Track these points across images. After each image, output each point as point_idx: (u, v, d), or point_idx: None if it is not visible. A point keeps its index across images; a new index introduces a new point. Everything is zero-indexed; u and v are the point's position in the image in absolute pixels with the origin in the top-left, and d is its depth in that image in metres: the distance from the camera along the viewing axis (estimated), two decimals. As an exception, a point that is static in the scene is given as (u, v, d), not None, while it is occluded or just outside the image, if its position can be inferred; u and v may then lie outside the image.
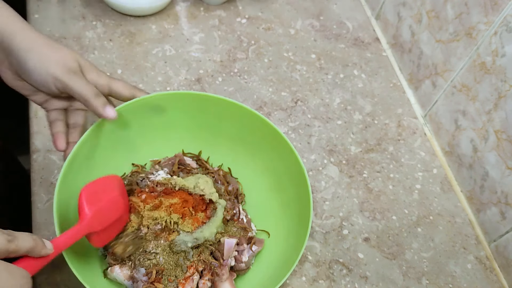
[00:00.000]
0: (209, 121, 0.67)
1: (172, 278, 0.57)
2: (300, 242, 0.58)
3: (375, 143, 0.79)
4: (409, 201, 0.75)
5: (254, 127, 0.65)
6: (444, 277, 0.69)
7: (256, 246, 0.62)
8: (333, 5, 0.96)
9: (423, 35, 0.81)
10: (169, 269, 0.57)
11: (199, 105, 0.65)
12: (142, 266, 0.57)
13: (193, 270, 0.58)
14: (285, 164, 0.64)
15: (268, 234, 0.65)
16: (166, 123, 0.66)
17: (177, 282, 0.56)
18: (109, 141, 0.62)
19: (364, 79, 0.87)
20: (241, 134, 0.67)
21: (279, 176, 0.66)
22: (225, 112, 0.66)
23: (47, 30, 0.82)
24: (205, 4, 0.91)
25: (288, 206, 0.65)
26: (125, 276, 0.57)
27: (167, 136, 0.68)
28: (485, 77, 0.69)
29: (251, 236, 0.63)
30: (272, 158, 0.66)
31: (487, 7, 0.67)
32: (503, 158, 0.67)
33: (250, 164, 0.69)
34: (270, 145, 0.66)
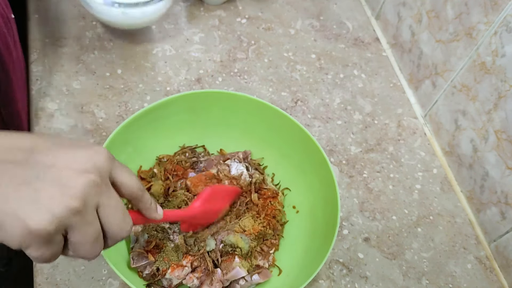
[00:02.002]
0: (237, 120, 0.69)
1: (167, 258, 0.58)
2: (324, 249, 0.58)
3: (375, 143, 0.79)
4: (409, 201, 0.75)
5: (283, 128, 0.67)
6: (444, 277, 0.69)
7: (258, 276, 0.60)
8: (333, 5, 0.96)
9: (423, 35, 0.81)
10: (169, 250, 0.58)
11: (227, 104, 0.67)
12: (148, 233, 0.59)
13: (188, 261, 0.58)
14: (314, 166, 0.65)
15: (279, 271, 0.63)
16: (192, 121, 0.68)
17: (170, 264, 0.57)
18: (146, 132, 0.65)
19: (364, 79, 0.87)
20: (270, 135, 0.69)
21: (309, 178, 0.67)
22: (254, 112, 0.67)
23: (47, 30, 0.82)
24: (205, 4, 0.91)
25: (315, 210, 0.65)
26: (135, 230, 0.60)
27: (189, 133, 0.69)
28: (485, 77, 0.69)
29: (259, 265, 0.61)
30: (301, 160, 0.67)
31: (487, 7, 0.67)
32: (503, 158, 0.67)
33: (280, 165, 0.70)
34: (298, 147, 0.66)
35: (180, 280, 0.58)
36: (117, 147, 0.60)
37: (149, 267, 0.58)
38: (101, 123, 0.73)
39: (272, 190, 0.66)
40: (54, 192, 0.34)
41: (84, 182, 0.36)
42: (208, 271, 0.58)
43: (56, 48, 0.80)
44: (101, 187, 0.37)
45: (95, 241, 0.38)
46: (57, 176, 0.35)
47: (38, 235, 0.34)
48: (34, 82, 0.76)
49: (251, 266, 0.60)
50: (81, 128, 0.72)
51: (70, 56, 0.80)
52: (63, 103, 0.75)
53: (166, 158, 0.67)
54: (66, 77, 0.77)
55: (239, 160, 0.67)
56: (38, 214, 0.34)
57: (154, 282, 0.58)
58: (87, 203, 0.36)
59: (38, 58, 0.78)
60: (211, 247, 0.60)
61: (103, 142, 0.72)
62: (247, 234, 0.60)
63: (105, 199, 0.38)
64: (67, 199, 0.35)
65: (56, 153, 0.36)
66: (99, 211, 0.38)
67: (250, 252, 0.60)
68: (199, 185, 0.63)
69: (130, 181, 0.41)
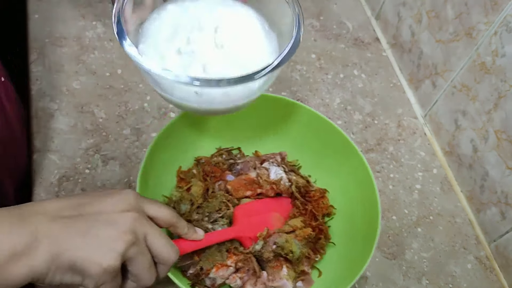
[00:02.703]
0: (271, 122, 0.69)
1: (211, 258, 0.58)
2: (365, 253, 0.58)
3: (375, 143, 0.79)
4: (409, 201, 0.75)
5: (319, 130, 0.67)
6: (444, 277, 0.69)
7: (301, 283, 0.61)
8: (333, 5, 0.96)
9: (423, 35, 0.81)
10: (212, 250, 0.59)
11: (263, 106, 0.67)
12: None
13: (232, 261, 0.59)
14: (351, 168, 0.65)
15: (319, 272, 0.63)
16: (229, 123, 0.68)
17: (214, 264, 0.58)
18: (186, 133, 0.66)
19: (364, 79, 0.87)
20: (307, 137, 0.69)
21: (345, 181, 0.67)
22: (288, 113, 0.68)
23: (47, 30, 0.82)
24: (205, 4, 0.91)
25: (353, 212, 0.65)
26: None
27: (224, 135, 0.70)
28: (485, 77, 0.69)
29: (304, 271, 0.62)
30: (339, 163, 0.67)
31: (487, 7, 0.67)
32: (503, 158, 0.67)
33: (314, 166, 0.70)
34: (334, 149, 0.67)
35: (224, 279, 0.58)
36: (161, 148, 0.61)
37: (193, 266, 0.58)
38: (101, 123, 0.73)
39: (319, 190, 0.67)
40: (110, 233, 0.42)
41: (129, 218, 0.44)
42: (252, 271, 0.59)
43: (56, 48, 0.80)
44: (142, 220, 0.45)
45: (150, 267, 0.45)
46: (107, 220, 0.43)
47: (110, 271, 0.42)
48: (34, 82, 0.76)
49: (296, 272, 0.61)
50: (81, 128, 0.72)
51: (70, 56, 0.80)
52: (63, 103, 0.75)
53: (204, 160, 0.68)
54: (66, 77, 0.77)
55: (277, 163, 0.67)
56: (107, 254, 0.41)
57: (198, 281, 0.58)
58: (137, 234, 0.44)
59: (38, 58, 0.78)
60: (258, 248, 0.60)
61: (103, 142, 0.72)
62: (299, 239, 0.60)
63: (148, 229, 0.45)
64: (122, 235, 0.42)
65: (98, 203, 0.44)
66: (147, 240, 0.45)
67: (299, 257, 0.60)
68: (239, 189, 0.64)
69: (162, 212, 0.49)
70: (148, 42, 0.49)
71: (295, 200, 0.66)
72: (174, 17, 0.50)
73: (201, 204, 0.63)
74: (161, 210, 0.49)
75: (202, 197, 0.64)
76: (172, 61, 0.48)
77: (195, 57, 0.48)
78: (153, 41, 0.49)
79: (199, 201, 0.63)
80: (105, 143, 0.72)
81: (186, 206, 0.62)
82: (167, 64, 0.47)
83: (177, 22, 0.50)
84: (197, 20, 0.50)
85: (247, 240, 0.60)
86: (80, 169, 0.69)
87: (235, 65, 0.48)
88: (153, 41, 0.49)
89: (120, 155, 0.71)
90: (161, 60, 0.48)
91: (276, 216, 0.63)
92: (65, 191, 0.67)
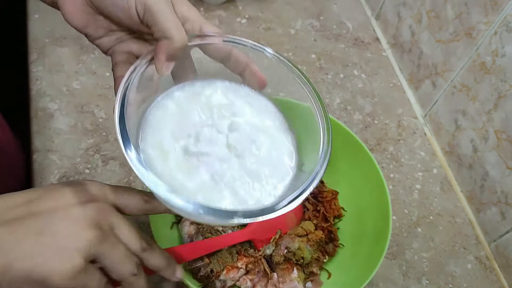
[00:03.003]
0: None
1: (221, 260, 0.58)
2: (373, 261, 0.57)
3: (375, 143, 0.79)
4: (409, 201, 0.75)
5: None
6: (444, 277, 0.69)
7: (311, 284, 0.61)
8: (333, 5, 0.96)
9: (423, 35, 0.81)
10: (223, 252, 0.58)
11: None
12: (202, 235, 0.59)
13: (243, 263, 0.59)
14: (361, 171, 0.65)
15: (328, 274, 0.63)
16: None
17: (225, 266, 0.58)
18: None
19: (364, 79, 0.87)
20: None
21: (356, 183, 0.67)
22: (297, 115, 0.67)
23: (47, 30, 0.82)
24: (205, 4, 0.91)
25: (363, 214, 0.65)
26: (189, 232, 0.60)
27: None
28: (485, 77, 0.69)
29: (313, 272, 0.62)
30: (348, 164, 0.67)
31: (487, 7, 0.67)
32: (503, 158, 0.67)
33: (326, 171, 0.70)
34: (347, 153, 0.66)
35: (234, 281, 0.58)
36: None
37: (203, 268, 0.58)
38: (101, 123, 0.73)
39: (332, 191, 0.67)
40: (69, 230, 0.36)
41: (91, 210, 0.37)
42: (263, 272, 0.59)
43: (56, 48, 0.80)
44: (107, 211, 0.39)
45: (125, 256, 0.38)
46: (64, 215, 0.36)
47: (76, 275, 0.35)
48: (34, 82, 0.76)
49: (306, 274, 0.61)
50: (81, 128, 0.72)
51: (70, 56, 0.80)
52: (63, 103, 0.75)
53: None
54: (66, 77, 0.77)
55: None
56: (68, 256, 0.35)
57: (208, 283, 0.58)
58: (102, 227, 0.37)
59: (38, 58, 0.78)
60: (269, 252, 0.60)
61: (103, 142, 0.72)
62: (311, 244, 0.60)
63: (114, 219, 0.39)
64: (84, 231, 0.36)
65: (52, 197, 0.37)
66: (115, 232, 0.39)
67: (310, 262, 0.60)
68: None
69: (131, 199, 0.42)
70: (151, 134, 0.43)
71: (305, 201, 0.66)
72: (181, 106, 0.45)
73: None
74: (131, 198, 0.41)
75: None
76: (176, 162, 0.42)
77: (203, 160, 0.42)
78: (157, 133, 0.43)
79: None
80: (105, 143, 0.72)
81: None
82: (170, 164, 0.41)
83: (185, 113, 0.44)
84: (208, 112, 0.45)
85: (259, 242, 0.60)
86: (80, 169, 0.69)
87: (250, 177, 0.42)
88: (156, 134, 0.43)
89: (120, 155, 0.71)
90: (164, 159, 0.42)
91: (290, 216, 0.63)
92: (65, 191, 0.67)
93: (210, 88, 0.46)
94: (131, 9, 0.40)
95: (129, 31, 0.45)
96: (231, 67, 0.45)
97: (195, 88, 0.46)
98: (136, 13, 0.41)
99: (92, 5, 0.42)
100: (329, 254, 0.63)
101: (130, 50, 0.45)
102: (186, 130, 0.43)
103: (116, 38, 0.45)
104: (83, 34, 0.45)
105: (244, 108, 0.46)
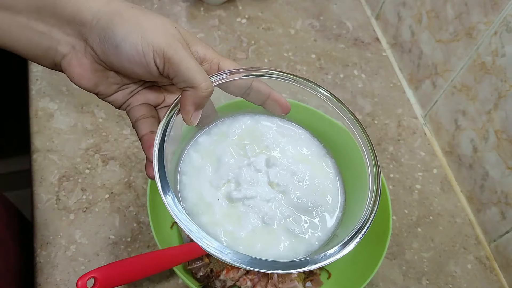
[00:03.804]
0: None
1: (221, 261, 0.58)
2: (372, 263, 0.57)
3: (375, 143, 0.79)
4: (409, 201, 0.75)
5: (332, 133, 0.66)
6: (444, 277, 0.69)
7: (310, 283, 0.61)
8: (333, 5, 0.96)
9: (423, 35, 0.81)
10: None
11: None
12: None
13: None
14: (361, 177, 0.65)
15: (328, 274, 0.63)
16: None
17: (224, 266, 0.58)
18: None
19: (364, 79, 0.87)
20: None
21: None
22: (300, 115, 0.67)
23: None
24: (205, 4, 0.91)
25: None
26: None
27: None
28: (485, 77, 0.69)
29: (312, 272, 0.61)
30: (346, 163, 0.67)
31: (487, 7, 0.67)
32: (503, 158, 0.67)
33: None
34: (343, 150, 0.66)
35: (234, 281, 0.59)
36: None
37: (203, 268, 0.58)
38: (101, 123, 0.73)
39: None
40: None
41: None
42: (263, 273, 0.59)
43: (56, 48, 0.80)
44: None
45: None
46: None
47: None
48: (34, 82, 0.76)
49: (305, 273, 0.61)
50: (81, 128, 0.72)
51: (70, 56, 0.80)
52: (63, 103, 0.75)
53: None
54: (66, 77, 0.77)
55: None
56: None
57: (208, 283, 0.59)
58: None
59: (38, 58, 0.78)
60: None
61: (103, 142, 0.72)
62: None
63: None
64: None
65: None
66: None
67: None
68: None
69: None
70: (189, 188, 0.41)
71: None
72: (213, 152, 0.42)
73: None
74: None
75: None
76: (222, 211, 0.40)
77: (249, 204, 0.40)
78: (195, 186, 0.41)
79: None
80: (105, 143, 0.72)
81: None
82: (216, 216, 0.39)
83: (218, 158, 0.42)
84: (241, 151, 0.43)
85: None
86: (80, 169, 0.69)
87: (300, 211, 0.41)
88: (195, 186, 0.41)
89: (120, 155, 0.71)
90: (208, 210, 0.40)
91: None
92: (65, 191, 0.67)
93: (236, 125, 0.44)
94: (150, 64, 0.38)
95: (142, 81, 0.43)
96: (252, 100, 0.43)
97: (222, 129, 0.44)
98: (155, 67, 0.38)
99: (101, 62, 0.39)
100: None
101: (147, 101, 0.43)
102: (224, 176, 0.41)
103: (130, 91, 0.43)
104: (93, 93, 0.42)
105: (277, 138, 0.44)
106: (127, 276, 0.49)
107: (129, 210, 0.67)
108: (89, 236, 0.64)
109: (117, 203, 0.67)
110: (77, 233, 0.64)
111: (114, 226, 0.65)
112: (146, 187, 0.68)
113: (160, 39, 0.37)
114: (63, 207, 0.66)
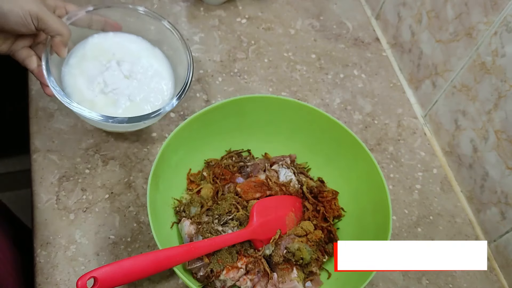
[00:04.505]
0: (281, 125, 0.69)
1: (221, 260, 0.58)
2: None
3: (375, 143, 0.79)
4: (409, 201, 0.75)
5: (331, 133, 0.67)
6: (444, 277, 0.69)
7: (310, 283, 0.61)
8: (333, 5, 0.96)
9: (423, 35, 0.81)
10: (223, 252, 0.58)
11: (274, 109, 0.67)
12: (202, 235, 0.59)
13: (243, 263, 0.59)
14: (362, 171, 0.65)
15: (328, 274, 0.63)
16: (239, 126, 0.69)
17: (224, 266, 0.58)
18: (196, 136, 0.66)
19: (364, 79, 0.87)
20: (317, 140, 0.69)
21: (355, 183, 0.67)
22: (299, 116, 0.68)
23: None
24: (205, 4, 0.91)
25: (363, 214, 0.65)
26: (188, 232, 0.60)
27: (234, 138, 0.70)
28: (485, 77, 0.69)
29: (312, 271, 0.62)
30: (347, 164, 0.67)
31: (487, 7, 0.67)
32: (503, 158, 0.67)
33: (324, 169, 0.70)
34: (346, 153, 0.66)
35: (234, 281, 0.59)
36: (171, 150, 0.62)
37: (203, 268, 0.58)
38: (101, 123, 0.73)
39: (332, 191, 0.67)
40: None
41: None
42: (263, 272, 0.59)
43: (56, 48, 0.80)
44: None
45: None
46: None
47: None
48: (34, 82, 0.76)
49: (305, 273, 0.61)
50: (81, 128, 0.72)
51: (70, 56, 0.80)
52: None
53: (213, 162, 0.68)
54: (66, 77, 0.77)
55: (286, 166, 0.67)
56: None
57: (208, 283, 0.59)
58: None
59: (38, 58, 0.78)
60: (268, 252, 0.60)
61: (103, 142, 0.72)
62: (310, 245, 0.61)
63: None
64: None
65: None
66: None
67: (309, 262, 0.60)
68: (249, 191, 0.64)
69: None
70: (73, 96, 0.64)
71: (305, 201, 0.66)
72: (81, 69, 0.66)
73: (211, 207, 0.63)
74: None
75: (212, 199, 0.64)
76: (101, 102, 0.64)
77: (117, 92, 0.65)
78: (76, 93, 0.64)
79: (209, 204, 0.63)
80: (105, 143, 0.72)
81: (196, 208, 0.63)
82: (98, 105, 0.64)
83: (85, 71, 0.65)
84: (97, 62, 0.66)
85: (259, 242, 0.60)
86: (80, 169, 0.69)
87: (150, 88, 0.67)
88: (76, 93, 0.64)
89: (120, 155, 0.71)
90: (92, 105, 0.63)
91: (290, 217, 0.63)
92: (65, 191, 0.67)
93: (87, 46, 0.67)
94: (30, 25, 0.57)
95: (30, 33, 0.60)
96: (94, 27, 0.67)
97: (79, 51, 0.67)
98: (33, 25, 0.57)
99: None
100: (329, 254, 0.63)
101: (25, 45, 0.62)
102: (94, 81, 0.65)
103: (11, 42, 0.61)
104: None
105: (117, 46, 0.68)
106: (127, 276, 0.50)
107: (129, 210, 0.67)
108: (89, 236, 0.64)
109: (117, 203, 0.67)
110: (77, 233, 0.64)
111: (114, 226, 0.65)
112: (146, 187, 0.68)
113: (32, 5, 0.56)
114: (63, 207, 0.66)
